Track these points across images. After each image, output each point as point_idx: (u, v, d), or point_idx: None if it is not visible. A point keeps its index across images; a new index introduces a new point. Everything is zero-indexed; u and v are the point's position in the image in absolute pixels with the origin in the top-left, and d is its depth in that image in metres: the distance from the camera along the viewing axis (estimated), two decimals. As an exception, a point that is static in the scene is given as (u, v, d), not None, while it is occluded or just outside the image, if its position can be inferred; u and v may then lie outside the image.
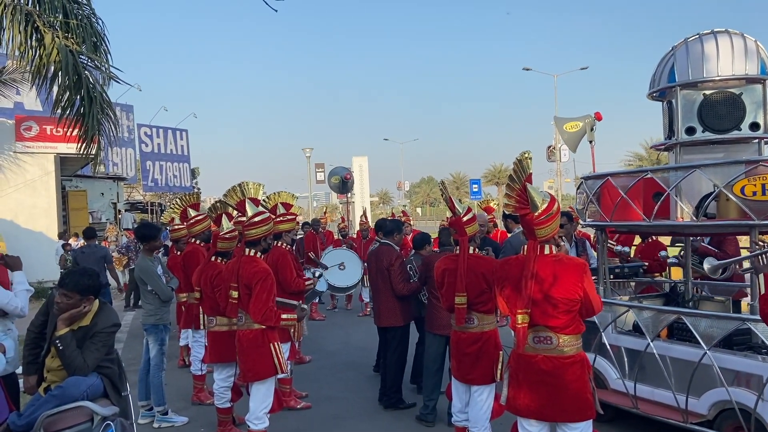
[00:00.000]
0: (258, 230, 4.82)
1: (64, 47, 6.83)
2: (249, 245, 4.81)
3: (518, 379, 3.59)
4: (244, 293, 4.67)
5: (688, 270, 6.31)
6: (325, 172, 32.31)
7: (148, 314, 6.07)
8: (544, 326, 3.47)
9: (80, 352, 3.65)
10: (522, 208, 3.54)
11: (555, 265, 3.48)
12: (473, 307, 4.53)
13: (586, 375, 3.52)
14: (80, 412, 3.49)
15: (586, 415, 3.48)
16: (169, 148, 31.22)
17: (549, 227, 3.49)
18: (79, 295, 3.70)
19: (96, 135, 7.49)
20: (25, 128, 16.52)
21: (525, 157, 3.58)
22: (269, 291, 4.63)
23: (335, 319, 11.70)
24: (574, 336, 3.50)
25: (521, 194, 3.55)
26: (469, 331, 4.56)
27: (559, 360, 3.46)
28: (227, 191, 5.73)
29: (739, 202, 4.55)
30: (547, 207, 3.48)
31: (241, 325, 4.81)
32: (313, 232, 12.48)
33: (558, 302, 3.43)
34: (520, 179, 3.57)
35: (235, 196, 5.69)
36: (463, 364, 4.59)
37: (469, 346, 4.53)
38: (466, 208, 4.64)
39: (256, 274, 4.61)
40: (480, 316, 4.55)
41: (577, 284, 3.44)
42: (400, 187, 76.18)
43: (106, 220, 23.58)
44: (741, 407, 4.31)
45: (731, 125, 5.27)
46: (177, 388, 7.08)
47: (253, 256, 4.78)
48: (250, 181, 5.85)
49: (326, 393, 6.84)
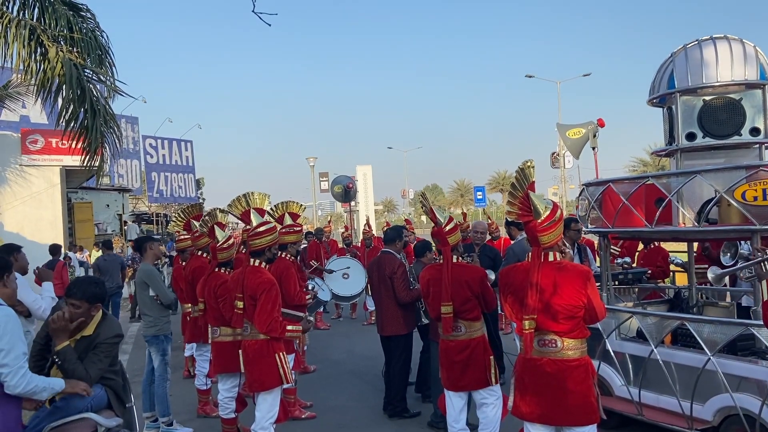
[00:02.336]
0: (262, 240, 4.82)
1: (68, 61, 6.90)
2: (253, 255, 4.81)
3: (524, 383, 3.63)
4: (249, 304, 4.67)
5: (692, 275, 6.30)
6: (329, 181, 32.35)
7: (148, 325, 6.08)
8: (549, 330, 3.51)
9: (82, 364, 3.63)
10: (525, 216, 3.57)
11: (559, 272, 3.51)
12: (460, 315, 4.56)
13: (590, 379, 3.56)
14: (84, 424, 3.50)
15: (590, 418, 3.51)
16: (174, 159, 31.38)
17: (552, 234, 3.53)
18: (88, 303, 3.71)
19: (99, 147, 7.55)
20: (30, 141, 16.62)
21: (527, 165, 3.62)
22: (274, 301, 4.63)
23: (340, 328, 11.70)
24: (578, 340, 3.54)
25: (524, 202, 3.58)
26: (457, 339, 4.59)
27: (563, 363, 3.50)
28: (231, 201, 5.73)
29: (741, 207, 4.55)
30: (550, 214, 3.52)
31: (247, 335, 4.80)
32: (316, 241, 12.49)
33: (561, 309, 3.46)
34: (522, 187, 3.61)
35: (240, 207, 5.71)
36: (452, 372, 4.62)
37: (458, 354, 4.56)
38: (447, 217, 4.70)
39: (260, 285, 4.61)
40: (467, 324, 4.58)
41: (581, 291, 3.47)
42: (405, 195, 76.07)
43: (112, 232, 23.67)
44: (746, 413, 4.28)
45: (731, 130, 5.27)
46: (182, 400, 7.10)
47: (257, 266, 4.78)
48: (256, 192, 5.88)
49: (331, 402, 6.83)
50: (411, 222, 15.95)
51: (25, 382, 3.24)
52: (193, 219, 7.29)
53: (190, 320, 7.16)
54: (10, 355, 3.20)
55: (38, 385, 3.31)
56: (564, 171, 38.88)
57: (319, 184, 35.26)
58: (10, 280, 3.81)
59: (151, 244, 6.34)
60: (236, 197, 5.72)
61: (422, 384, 6.69)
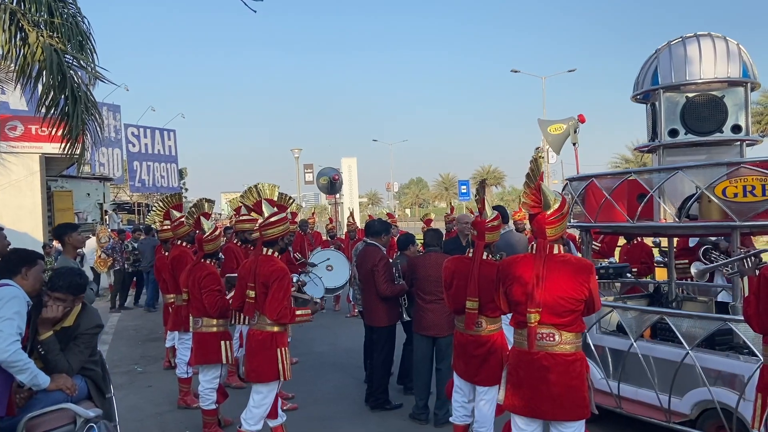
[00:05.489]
0: (275, 230, 4.83)
1: (49, 46, 6.76)
2: (266, 245, 4.83)
3: (518, 376, 3.60)
4: (261, 292, 4.68)
5: (671, 271, 6.37)
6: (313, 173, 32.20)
7: None
8: (548, 324, 3.49)
9: (64, 355, 3.62)
10: (535, 207, 3.57)
11: (563, 265, 3.52)
12: (483, 312, 4.50)
13: (585, 374, 3.56)
14: (63, 415, 3.46)
15: (582, 413, 3.51)
16: (157, 148, 31.06)
17: (559, 227, 3.54)
18: (72, 295, 3.68)
19: (80, 135, 7.43)
20: (9, 128, 16.34)
21: (539, 155, 3.64)
22: (286, 290, 4.66)
23: (323, 320, 11.66)
24: (575, 334, 3.54)
25: (536, 193, 3.58)
26: (477, 335, 4.53)
27: (561, 357, 3.49)
28: (244, 192, 5.86)
29: (721, 204, 4.61)
30: (559, 207, 3.52)
31: (254, 324, 4.81)
32: (300, 233, 12.45)
33: (565, 302, 3.46)
34: (536, 178, 3.61)
35: (252, 197, 5.82)
36: (470, 365, 4.58)
37: (477, 349, 4.52)
38: (495, 214, 4.54)
39: (273, 273, 4.63)
40: (488, 320, 4.53)
41: (584, 284, 3.48)
42: (390, 188, 76.21)
43: (93, 221, 23.37)
44: (723, 407, 4.35)
45: (713, 127, 5.34)
46: (163, 391, 7.05)
47: (270, 255, 4.80)
48: (265, 183, 5.98)
49: (313, 394, 6.83)
50: (393, 215, 15.96)
51: (14, 349, 3.27)
52: (173, 208, 7.24)
53: (173, 309, 7.12)
54: (6, 322, 3.28)
55: (24, 361, 3.31)
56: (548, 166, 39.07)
57: (303, 176, 35.11)
58: (31, 272, 3.72)
59: (71, 234, 5.68)
60: (248, 188, 5.85)
61: (404, 376, 6.71)
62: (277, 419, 4.81)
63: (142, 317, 12.60)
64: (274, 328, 4.69)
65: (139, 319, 12.36)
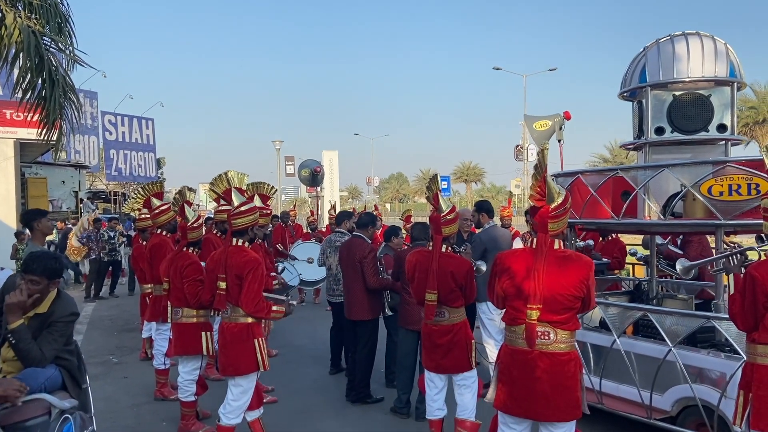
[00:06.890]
0: (244, 219, 4.73)
1: (27, 27, 6.59)
2: (236, 235, 4.72)
3: (511, 376, 3.50)
4: (234, 284, 4.57)
5: (653, 268, 6.41)
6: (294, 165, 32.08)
7: None
8: (544, 321, 3.39)
9: (36, 344, 3.48)
10: (540, 199, 3.51)
11: (564, 261, 3.44)
12: (444, 303, 4.55)
13: (579, 374, 3.48)
14: (38, 405, 3.34)
15: (574, 414, 3.45)
16: (134, 136, 30.58)
17: (561, 222, 3.48)
18: (47, 279, 3.56)
19: (58, 120, 7.26)
20: (-17, 112, 15.92)
21: (545, 148, 3.61)
22: (260, 281, 4.56)
23: (303, 313, 11.57)
24: (570, 333, 3.45)
25: (541, 186, 3.52)
26: (440, 324, 4.58)
27: (556, 357, 3.40)
28: (214, 179, 5.68)
29: (706, 202, 4.63)
30: (562, 202, 3.46)
31: (227, 317, 4.69)
32: (281, 225, 12.35)
33: (563, 298, 3.38)
34: (542, 169, 3.55)
35: (222, 185, 5.66)
36: (435, 354, 4.62)
37: (441, 338, 4.56)
38: (450, 206, 4.55)
39: (247, 264, 4.53)
40: (450, 310, 4.57)
41: (584, 282, 3.41)
42: (370, 183, 76.12)
43: (67, 209, 22.95)
44: (704, 404, 4.37)
45: (699, 126, 5.36)
46: (139, 382, 6.93)
47: (240, 245, 4.69)
48: (233, 171, 5.81)
49: (293, 387, 6.76)
50: (378, 208, 15.95)
51: None
52: (153, 197, 7.08)
53: (150, 300, 6.97)
54: None
55: None
56: (527, 163, 39.38)
57: (284, 168, 34.91)
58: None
59: (40, 220, 5.61)
60: (218, 175, 5.69)
61: (387, 369, 6.68)
62: (255, 412, 4.74)
63: (118, 307, 12.40)
64: (248, 319, 4.60)
65: (114, 309, 12.15)
